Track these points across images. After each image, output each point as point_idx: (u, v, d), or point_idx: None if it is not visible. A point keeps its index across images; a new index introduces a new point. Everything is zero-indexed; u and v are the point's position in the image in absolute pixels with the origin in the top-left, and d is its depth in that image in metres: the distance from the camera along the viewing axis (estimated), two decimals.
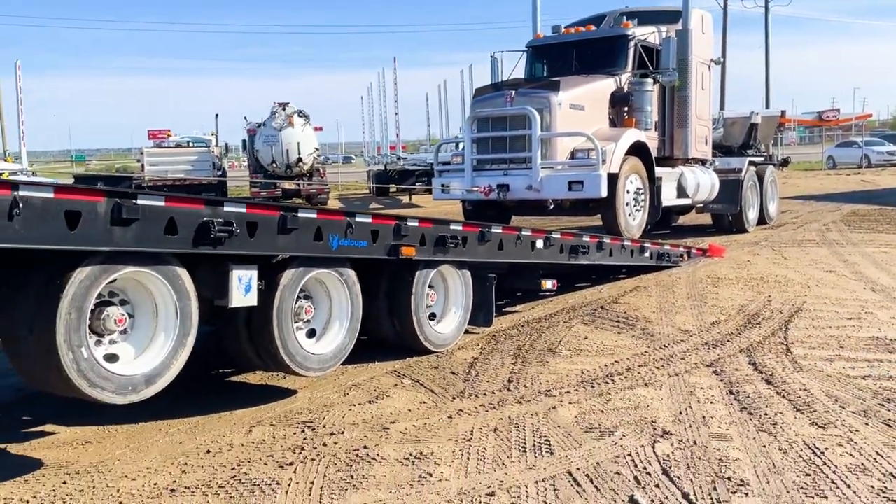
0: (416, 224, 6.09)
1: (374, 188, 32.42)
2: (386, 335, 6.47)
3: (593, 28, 13.23)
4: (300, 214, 5.07)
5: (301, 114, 29.41)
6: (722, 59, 14.98)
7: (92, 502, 3.83)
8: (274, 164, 28.22)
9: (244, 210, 4.73)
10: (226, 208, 4.61)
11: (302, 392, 5.55)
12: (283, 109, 28.97)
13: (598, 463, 4.06)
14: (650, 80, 12.19)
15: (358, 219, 5.56)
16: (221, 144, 34.05)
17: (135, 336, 4.38)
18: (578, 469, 3.98)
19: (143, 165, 29.36)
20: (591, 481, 3.84)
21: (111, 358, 4.22)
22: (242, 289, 4.83)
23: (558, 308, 8.17)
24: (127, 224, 4.05)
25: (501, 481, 3.88)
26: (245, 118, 32.92)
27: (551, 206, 11.43)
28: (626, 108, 12.14)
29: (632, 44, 12.39)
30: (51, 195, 3.75)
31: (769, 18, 49.64)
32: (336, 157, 50.58)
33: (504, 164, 11.36)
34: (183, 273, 4.46)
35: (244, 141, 34.83)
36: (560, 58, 13.02)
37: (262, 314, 5.04)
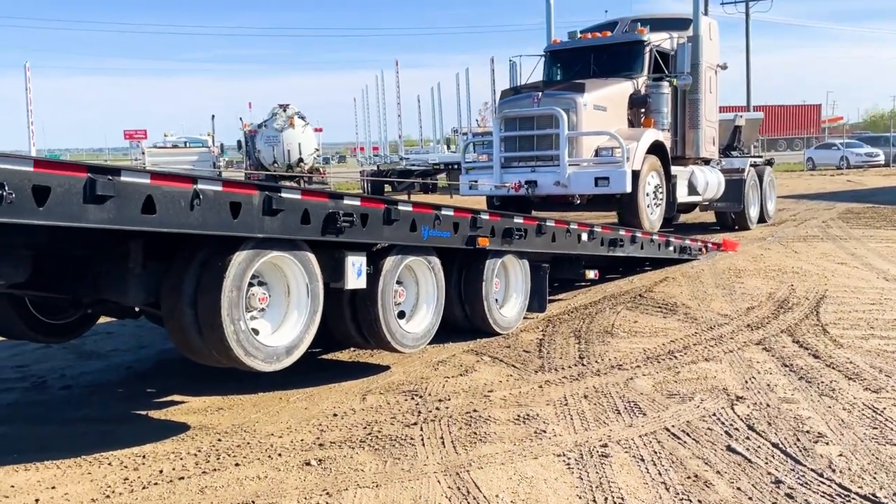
0: (488, 217, 6.67)
1: (369, 188, 32.95)
2: (456, 318, 7.03)
3: (609, 34, 13.87)
4: (400, 207, 5.63)
5: (301, 115, 29.91)
6: (727, 65, 15.61)
7: (253, 454, 4.36)
8: (275, 164, 28.68)
9: (359, 203, 5.28)
10: (345, 201, 5.16)
11: (395, 367, 6.11)
12: (284, 111, 29.48)
13: (688, 422, 4.66)
14: (666, 83, 12.86)
15: (443, 212, 6.13)
16: (217, 145, 34.38)
17: (270, 313, 4.92)
18: (673, 426, 4.58)
19: (144, 164, 29.64)
20: (688, 435, 4.44)
21: (254, 332, 4.76)
22: (355, 273, 5.38)
23: (598, 296, 8.78)
24: (274, 214, 4.59)
25: (609, 436, 4.47)
26: (240, 119, 33.34)
27: (578, 201, 12.06)
28: (643, 110, 12.79)
29: (647, 49, 13.04)
30: (220, 188, 4.29)
31: (749, 24, 50.71)
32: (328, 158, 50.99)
33: (531, 161, 11.97)
34: (313, 258, 5.01)
35: (239, 141, 35.23)
36: (577, 62, 13.64)
37: (368, 296, 5.59)
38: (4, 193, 3.26)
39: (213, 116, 34.72)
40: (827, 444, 4.23)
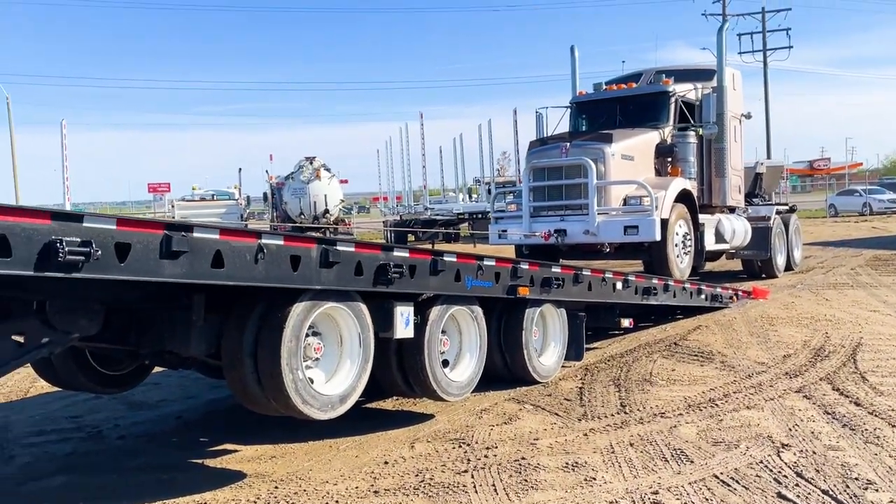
0: (527, 267, 6.83)
1: (393, 238, 33.30)
2: (496, 367, 7.13)
3: (634, 85, 14.17)
4: (445, 258, 5.81)
5: (327, 167, 30.48)
6: (751, 114, 15.85)
7: (310, 502, 4.47)
8: (302, 216, 29.14)
9: (408, 254, 5.46)
10: (396, 253, 5.35)
11: (439, 415, 6.21)
12: (311, 163, 30.09)
13: (736, 469, 4.72)
14: (692, 133, 13.10)
15: (485, 262, 6.30)
16: (244, 197, 35.02)
17: (324, 362, 5.08)
18: (722, 473, 4.65)
19: (174, 217, 30.20)
20: (738, 482, 4.50)
21: (310, 381, 4.91)
22: (403, 322, 5.54)
23: (633, 345, 8.86)
24: (330, 266, 4.78)
25: (659, 483, 4.54)
26: (266, 171, 34.04)
27: (607, 250, 12.20)
28: (669, 159, 12.99)
29: (672, 99, 13.31)
30: (281, 242, 4.49)
31: (767, 73, 51.23)
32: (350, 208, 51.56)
33: (560, 210, 12.17)
34: (365, 308, 5.18)
35: (265, 193, 35.87)
36: (603, 113, 13.93)
37: (415, 345, 5.73)
38: (91, 251, 3.47)
39: (240, 170, 35.40)
40: (877, 490, 4.28)
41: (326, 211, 29.40)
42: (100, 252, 3.51)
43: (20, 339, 4.22)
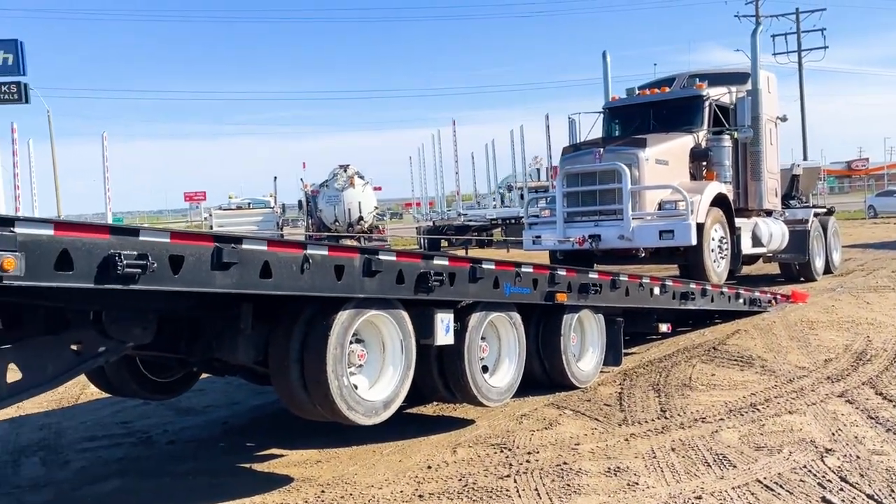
0: (565, 273, 6.87)
1: (426, 244, 33.46)
2: (534, 372, 7.18)
3: (667, 90, 14.12)
4: (484, 265, 5.89)
5: (360, 175, 30.74)
6: (787, 117, 15.71)
7: None
8: (336, 223, 29.41)
9: (447, 262, 5.55)
10: (436, 261, 5.44)
11: (479, 421, 6.28)
12: (345, 171, 30.35)
13: (779, 473, 4.73)
14: (727, 137, 13.02)
15: (523, 269, 6.36)
16: (279, 205, 35.42)
17: (367, 369, 5.18)
18: (765, 478, 4.65)
19: (211, 226, 30.67)
20: (782, 487, 4.50)
21: (354, 387, 5.01)
22: (444, 329, 5.62)
23: (671, 350, 8.84)
24: (373, 275, 4.89)
25: (702, 488, 4.56)
26: (301, 180, 34.40)
27: (642, 255, 12.18)
28: (704, 163, 12.93)
29: (707, 103, 13.24)
30: (326, 253, 4.61)
31: (803, 74, 50.54)
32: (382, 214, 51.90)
33: (594, 215, 12.17)
34: (406, 316, 5.28)
35: (300, 201, 36.22)
36: (636, 118, 13.91)
37: (456, 351, 5.81)
38: (148, 263, 3.61)
39: (275, 178, 35.77)
40: None
41: (360, 218, 29.63)
42: (155, 264, 3.65)
43: (77, 348, 4.37)
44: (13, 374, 4.03)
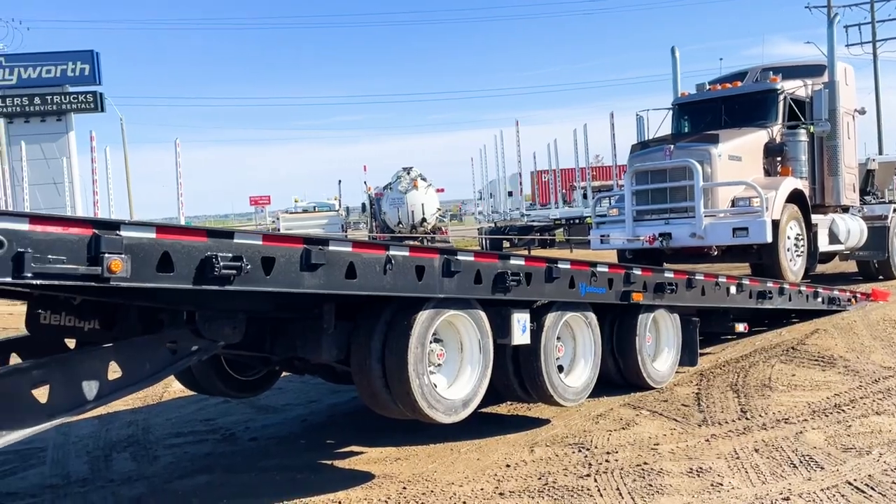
0: (640, 272, 6.81)
1: (488, 245, 33.47)
2: (609, 372, 7.14)
3: (739, 84, 13.83)
4: (560, 265, 5.89)
5: (423, 177, 30.96)
6: (865, 109, 15.21)
7: (439, 502, 4.63)
8: (400, 225, 29.70)
9: (524, 262, 5.58)
10: (512, 261, 5.47)
11: (555, 420, 6.29)
12: (408, 174, 30.65)
13: (870, 475, 4.61)
14: (803, 131, 12.69)
15: (599, 269, 6.33)
16: (343, 208, 35.97)
17: (446, 368, 5.24)
18: (855, 479, 4.55)
19: (278, 228, 31.33)
20: (873, 489, 4.39)
21: (434, 386, 5.08)
22: (520, 329, 5.65)
23: (748, 350, 8.67)
24: (452, 275, 4.95)
25: (789, 489, 4.48)
26: (365, 183, 34.85)
27: (714, 253, 11.95)
28: (779, 158, 12.61)
29: (781, 97, 12.92)
30: (407, 254, 4.69)
31: (878, 65, 48.71)
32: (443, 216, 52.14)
33: (664, 213, 12.00)
34: (484, 316, 5.33)
35: (363, 204, 36.66)
36: (707, 113, 13.66)
37: (532, 351, 5.83)
38: (242, 265, 3.74)
39: (339, 181, 36.46)
40: None
41: (424, 220, 29.87)
42: (249, 266, 3.78)
43: (172, 347, 4.55)
44: (113, 372, 4.21)
